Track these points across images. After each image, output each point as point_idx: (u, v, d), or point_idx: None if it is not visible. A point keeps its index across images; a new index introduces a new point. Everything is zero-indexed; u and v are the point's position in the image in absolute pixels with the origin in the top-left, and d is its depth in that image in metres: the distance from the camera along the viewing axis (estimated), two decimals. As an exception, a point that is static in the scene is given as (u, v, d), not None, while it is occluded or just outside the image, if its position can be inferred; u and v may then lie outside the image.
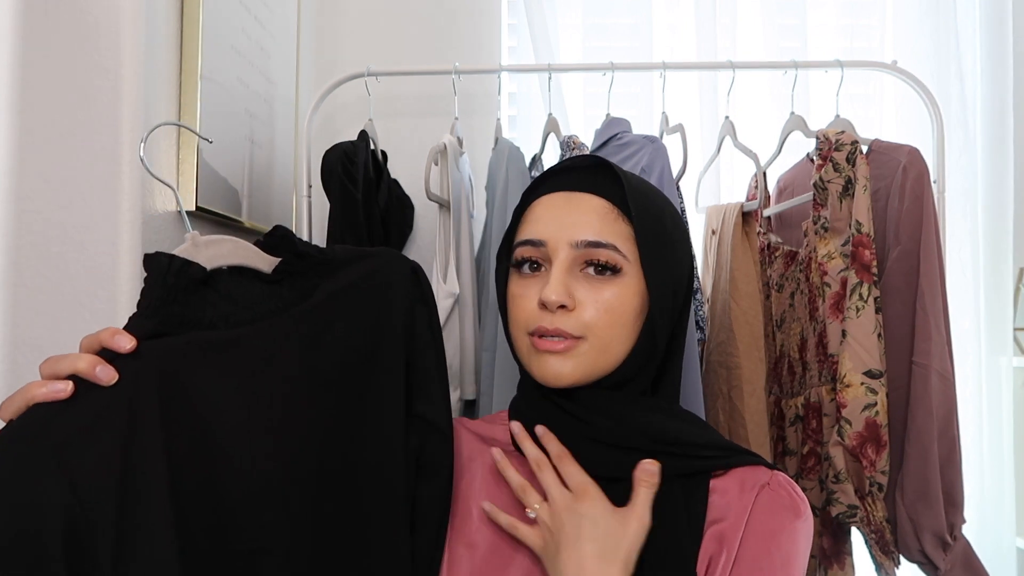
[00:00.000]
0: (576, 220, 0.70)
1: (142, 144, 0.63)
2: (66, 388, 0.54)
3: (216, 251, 0.66)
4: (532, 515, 0.68)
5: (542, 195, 0.74)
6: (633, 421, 0.71)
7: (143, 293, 0.61)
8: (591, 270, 0.70)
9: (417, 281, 0.73)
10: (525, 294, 0.71)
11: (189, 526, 0.57)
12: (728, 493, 0.69)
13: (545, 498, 0.69)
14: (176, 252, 0.63)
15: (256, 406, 0.62)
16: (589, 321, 0.69)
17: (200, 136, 0.98)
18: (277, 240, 0.68)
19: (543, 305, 0.69)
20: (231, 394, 0.61)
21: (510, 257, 0.75)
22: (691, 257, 0.79)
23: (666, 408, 0.74)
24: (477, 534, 0.70)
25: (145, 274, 0.61)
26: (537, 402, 0.74)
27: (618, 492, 0.68)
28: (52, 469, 0.51)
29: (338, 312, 0.68)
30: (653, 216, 0.72)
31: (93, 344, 0.58)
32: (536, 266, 0.72)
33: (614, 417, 0.71)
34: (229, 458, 0.60)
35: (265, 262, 0.67)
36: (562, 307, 0.69)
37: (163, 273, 0.61)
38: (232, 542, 0.59)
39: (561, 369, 0.69)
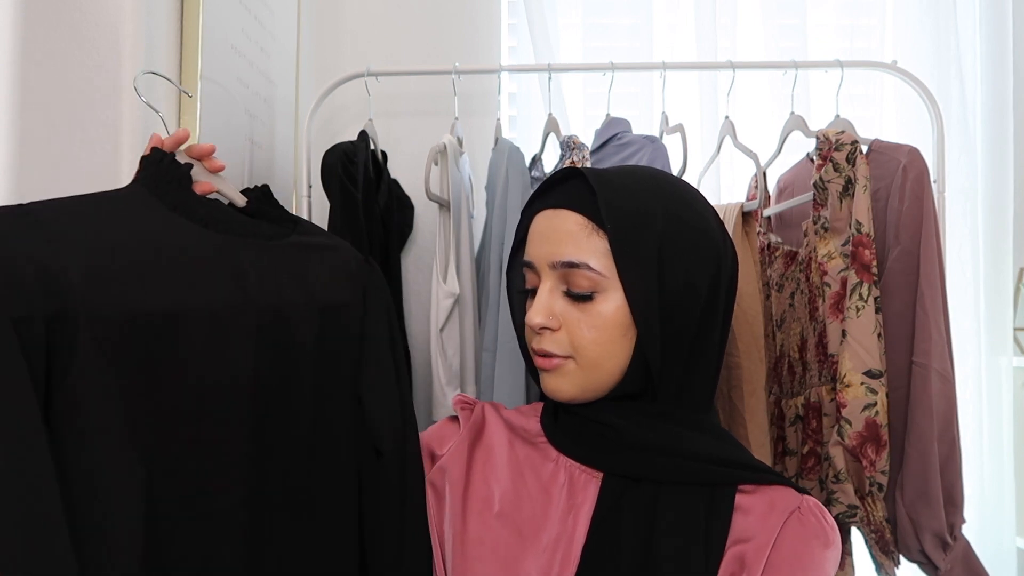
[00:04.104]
0: (553, 240, 0.70)
1: (136, 80, 0.77)
2: None
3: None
4: None
5: (535, 213, 0.75)
6: (650, 427, 0.70)
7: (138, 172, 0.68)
8: (568, 295, 0.70)
9: (370, 268, 0.78)
10: (528, 312, 0.74)
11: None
12: (754, 513, 0.66)
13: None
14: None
15: (249, 308, 0.66)
16: (574, 341, 0.69)
17: (183, 91, 1.01)
18: (255, 191, 0.76)
19: None
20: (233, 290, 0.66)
21: (518, 275, 0.77)
22: (712, 256, 0.71)
23: (685, 419, 0.71)
24: (498, 517, 0.71)
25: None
26: (558, 407, 0.76)
27: (640, 492, 0.67)
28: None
29: (313, 261, 0.73)
30: (636, 225, 0.69)
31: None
32: (534, 289, 0.73)
33: (630, 420, 0.70)
34: (221, 347, 0.63)
35: (241, 199, 0.75)
36: (547, 328, 0.70)
37: (158, 159, 0.68)
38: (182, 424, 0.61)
39: (558, 385, 0.71)
